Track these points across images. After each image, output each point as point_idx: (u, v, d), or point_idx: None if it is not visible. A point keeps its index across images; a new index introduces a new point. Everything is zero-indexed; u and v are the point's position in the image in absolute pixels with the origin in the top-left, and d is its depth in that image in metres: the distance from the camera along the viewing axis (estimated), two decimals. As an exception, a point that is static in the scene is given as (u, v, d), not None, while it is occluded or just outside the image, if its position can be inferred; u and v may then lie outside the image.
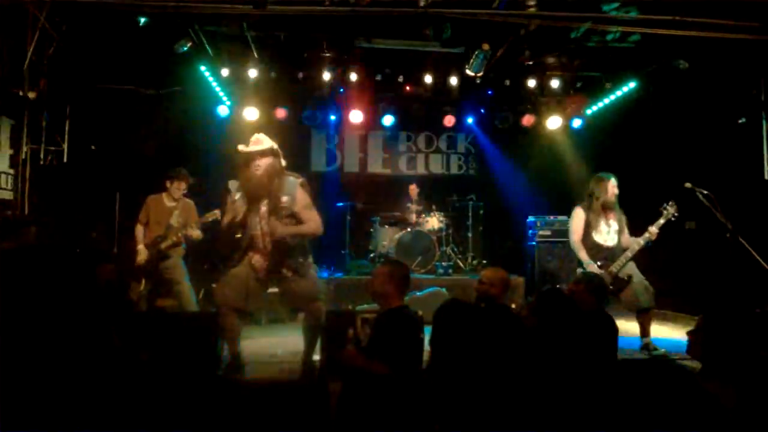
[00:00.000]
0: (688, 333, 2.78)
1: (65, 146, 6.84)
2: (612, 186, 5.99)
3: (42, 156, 6.58)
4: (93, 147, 7.46)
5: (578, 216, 5.94)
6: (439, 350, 2.59)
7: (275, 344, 6.09)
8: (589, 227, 5.91)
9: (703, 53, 7.16)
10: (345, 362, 3.52)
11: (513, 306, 5.20)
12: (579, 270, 5.91)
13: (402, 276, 3.68)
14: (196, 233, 6.02)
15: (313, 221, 4.92)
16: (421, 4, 6.18)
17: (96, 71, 7.28)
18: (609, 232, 5.96)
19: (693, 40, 6.48)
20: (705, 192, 5.90)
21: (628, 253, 5.84)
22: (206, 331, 4.75)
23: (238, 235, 4.88)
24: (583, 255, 5.84)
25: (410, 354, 3.41)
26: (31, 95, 6.30)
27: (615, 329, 3.75)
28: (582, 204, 6.01)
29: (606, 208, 5.97)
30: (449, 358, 2.50)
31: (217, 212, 6.13)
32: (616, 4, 6.38)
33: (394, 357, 3.26)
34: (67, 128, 6.88)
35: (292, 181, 4.95)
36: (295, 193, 4.89)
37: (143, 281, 5.99)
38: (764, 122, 7.23)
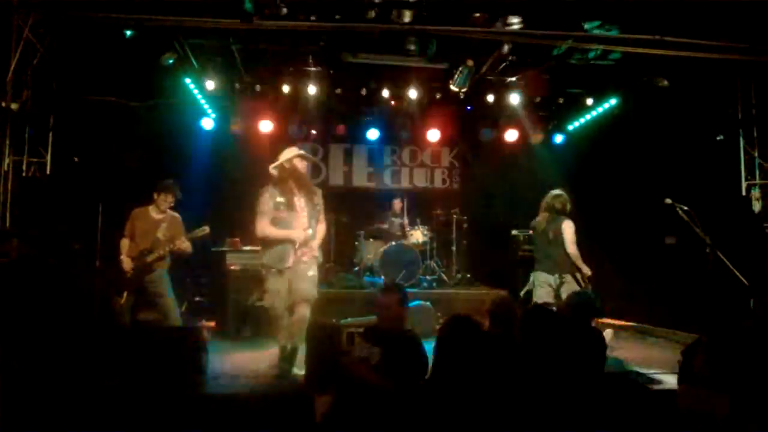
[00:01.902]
0: (683, 353, 2.86)
1: (48, 158, 6.78)
2: None
3: (24, 168, 6.52)
4: (75, 159, 7.39)
5: (573, 227, 6.14)
6: (440, 366, 2.61)
7: (257, 358, 6.06)
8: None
9: (683, 72, 7.31)
10: (353, 376, 3.54)
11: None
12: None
13: (406, 297, 3.88)
14: (186, 245, 5.99)
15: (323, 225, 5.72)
16: (406, 19, 6.28)
17: (80, 83, 7.23)
18: None
19: (673, 59, 6.62)
20: (685, 208, 6.01)
21: None
22: (190, 345, 4.73)
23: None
24: (581, 264, 6.07)
25: (422, 374, 3.50)
26: (14, 107, 6.24)
27: (603, 345, 3.78)
28: (569, 216, 6.18)
29: None
30: (450, 374, 2.52)
31: (206, 228, 6.11)
32: (597, 23, 6.51)
33: (408, 377, 3.33)
34: (50, 140, 6.82)
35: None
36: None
37: (125, 294, 5.93)
38: (741, 140, 7.38)
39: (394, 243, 9.11)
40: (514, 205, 10.11)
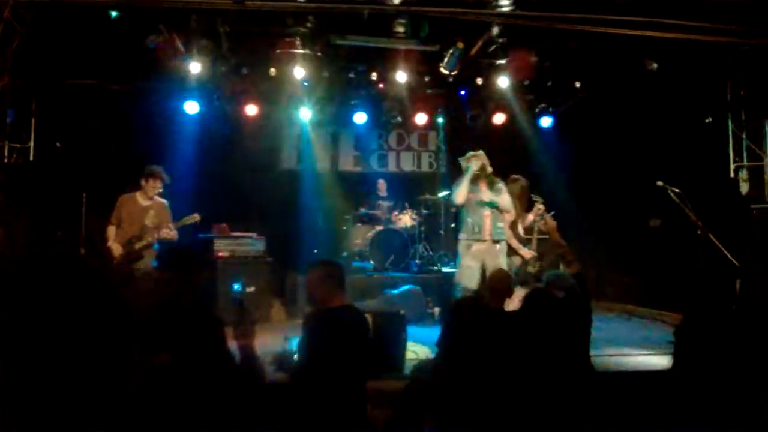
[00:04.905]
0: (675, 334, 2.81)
1: (31, 143, 6.61)
2: None
3: (6, 153, 6.35)
4: (58, 144, 7.22)
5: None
6: (449, 349, 2.54)
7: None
8: None
9: (671, 54, 7.31)
10: None
11: None
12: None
13: (331, 275, 3.39)
14: (173, 233, 5.87)
15: None
16: (395, 1, 6.19)
17: (63, 66, 7.04)
18: None
19: (662, 41, 6.61)
20: (676, 190, 6.04)
21: None
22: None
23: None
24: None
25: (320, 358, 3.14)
26: (-6, 91, 6.07)
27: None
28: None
29: None
30: (460, 358, 2.46)
31: (196, 216, 5.98)
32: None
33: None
34: (33, 125, 6.65)
35: None
36: None
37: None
38: (729, 122, 7.43)
39: (382, 228, 9.06)
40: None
